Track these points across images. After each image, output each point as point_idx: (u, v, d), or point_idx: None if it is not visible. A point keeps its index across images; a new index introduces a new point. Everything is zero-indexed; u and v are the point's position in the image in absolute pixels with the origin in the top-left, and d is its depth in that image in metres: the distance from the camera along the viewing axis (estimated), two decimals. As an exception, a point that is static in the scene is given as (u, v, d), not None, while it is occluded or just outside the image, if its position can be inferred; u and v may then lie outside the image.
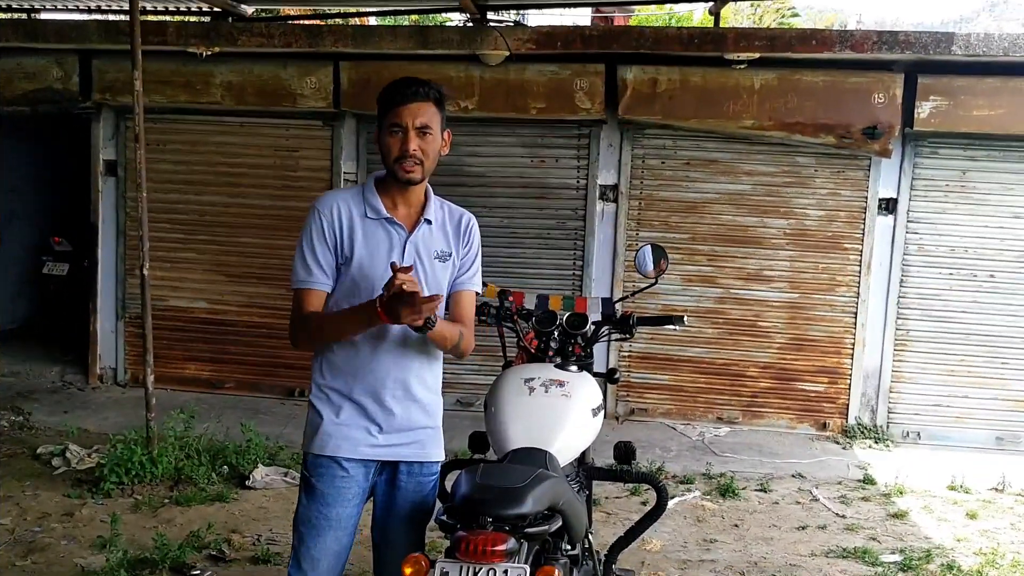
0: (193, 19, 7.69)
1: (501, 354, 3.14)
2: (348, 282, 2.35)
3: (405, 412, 2.37)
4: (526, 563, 2.09)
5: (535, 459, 2.38)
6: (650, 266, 3.25)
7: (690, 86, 6.12)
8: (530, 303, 3.21)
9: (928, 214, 6.22)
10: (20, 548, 3.97)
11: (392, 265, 2.14)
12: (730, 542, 4.37)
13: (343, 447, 2.35)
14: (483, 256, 2.54)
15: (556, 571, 2.05)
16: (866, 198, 6.21)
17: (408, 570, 2.03)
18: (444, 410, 2.49)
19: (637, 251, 3.29)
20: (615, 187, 6.39)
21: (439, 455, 2.48)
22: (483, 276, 2.55)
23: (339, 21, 7.18)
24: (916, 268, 6.24)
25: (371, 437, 2.35)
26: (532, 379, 2.71)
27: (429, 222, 2.39)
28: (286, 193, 6.61)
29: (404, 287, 2.09)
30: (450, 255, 2.43)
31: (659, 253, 3.25)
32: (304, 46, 6.19)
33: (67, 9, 7.50)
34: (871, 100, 5.96)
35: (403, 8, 9.24)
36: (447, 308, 2.47)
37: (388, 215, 2.35)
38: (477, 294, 2.53)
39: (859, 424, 6.26)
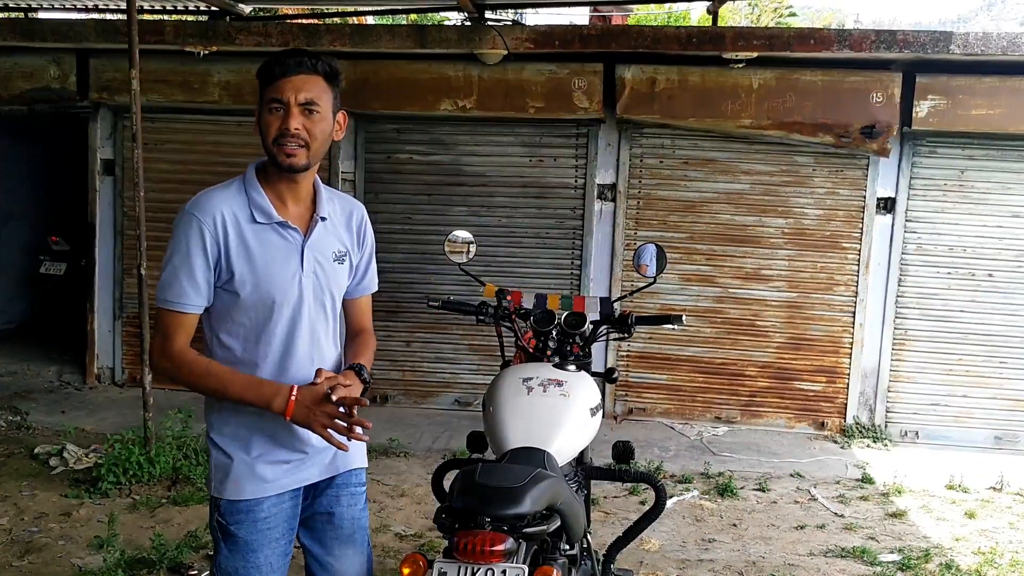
0: (191, 18, 7.67)
1: (499, 354, 3.13)
2: (234, 300, 2.03)
3: None
4: (524, 563, 2.08)
5: (533, 459, 2.37)
6: (650, 265, 3.24)
7: (688, 85, 6.12)
8: (528, 302, 3.19)
9: (927, 213, 6.22)
10: (17, 548, 3.96)
11: (318, 371, 1.98)
12: (728, 541, 4.37)
13: (263, 487, 2.04)
14: (481, 256, 2.44)
15: (554, 571, 2.05)
16: (864, 197, 6.21)
17: (406, 570, 2.02)
18: (442, 410, 2.46)
19: (636, 250, 3.28)
20: (613, 186, 6.38)
21: (364, 459, 2.26)
22: (483, 276, 2.49)
23: (337, 20, 7.17)
24: (915, 267, 6.24)
25: (291, 464, 2.08)
26: (530, 379, 2.70)
27: (324, 219, 2.12)
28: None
29: (335, 396, 1.91)
30: (347, 254, 2.17)
31: (658, 252, 3.24)
32: (302, 45, 6.15)
33: (64, 8, 7.47)
34: (869, 99, 5.96)
35: (401, 8, 9.21)
36: (345, 316, 2.27)
37: (280, 219, 2.04)
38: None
39: (857, 423, 6.26)
